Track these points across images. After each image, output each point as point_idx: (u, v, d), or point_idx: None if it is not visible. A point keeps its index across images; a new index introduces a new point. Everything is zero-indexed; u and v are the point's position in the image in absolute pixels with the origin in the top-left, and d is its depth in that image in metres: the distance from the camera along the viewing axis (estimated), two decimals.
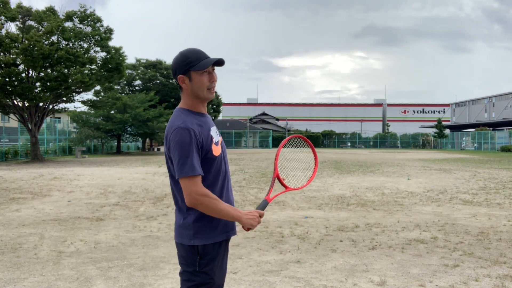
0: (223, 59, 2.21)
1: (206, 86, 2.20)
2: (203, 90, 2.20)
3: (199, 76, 2.18)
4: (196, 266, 2.19)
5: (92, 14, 26.07)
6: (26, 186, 12.30)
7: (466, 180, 14.56)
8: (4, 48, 23.21)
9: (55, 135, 34.78)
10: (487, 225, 7.10)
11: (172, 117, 2.21)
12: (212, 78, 2.21)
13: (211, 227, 2.21)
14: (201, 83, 2.18)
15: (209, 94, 2.22)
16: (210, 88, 2.21)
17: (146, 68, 49.83)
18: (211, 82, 2.20)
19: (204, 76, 2.18)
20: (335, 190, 11.61)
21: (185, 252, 2.22)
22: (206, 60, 2.18)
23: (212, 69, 2.23)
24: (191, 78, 2.18)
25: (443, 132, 68.64)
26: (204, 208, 2.11)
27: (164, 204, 9.26)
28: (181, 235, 2.23)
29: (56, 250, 5.55)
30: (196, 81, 2.18)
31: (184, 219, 2.21)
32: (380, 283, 4.30)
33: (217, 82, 2.27)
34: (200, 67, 2.16)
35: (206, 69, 2.18)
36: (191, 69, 2.17)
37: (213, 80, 2.21)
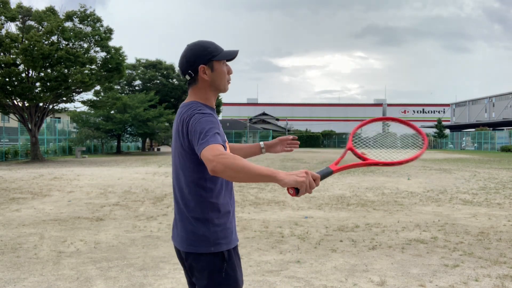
0: (235, 52, 2.12)
1: (225, 78, 2.12)
2: (223, 81, 2.11)
3: (221, 66, 2.09)
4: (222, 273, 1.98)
5: (92, 14, 26.07)
6: (26, 186, 12.30)
7: (466, 180, 14.56)
8: (4, 48, 23.21)
9: (55, 135, 34.78)
10: (487, 225, 7.10)
11: (186, 107, 2.05)
12: (230, 70, 2.14)
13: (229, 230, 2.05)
14: (223, 73, 2.09)
15: (227, 86, 2.15)
16: (228, 80, 2.14)
17: (146, 68, 49.84)
18: (229, 73, 2.14)
19: (225, 67, 2.11)
20: (335, 190, 11.61)
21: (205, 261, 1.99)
22: (228, 50, 2.11)
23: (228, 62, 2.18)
24: (213, 68, 2.07)
25: (443, 132, 68.63)
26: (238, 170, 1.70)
27: (164, 204, 9.26)
28: (195, 243, 1.99)
29: (56, 250, 5.55)
30: (218, 71, 2.08)
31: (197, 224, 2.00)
32: (380, 283, 4.30)
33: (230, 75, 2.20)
34: (223, 56, 2.07)
35: (226, 62, 2.12)
36: (213, 59, 2.06)
37: (231, 72, 2.15)
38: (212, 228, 1.99)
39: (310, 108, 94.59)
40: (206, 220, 1.98)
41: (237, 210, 8.47)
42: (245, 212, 8.23)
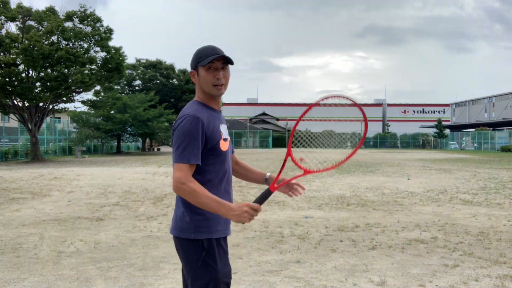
0: (223, 55, 2.20)
1: (211, 82, 2.21)
2: (208, 86, 2.22)
3: (205, 72, 2.21)
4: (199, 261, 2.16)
5: (92, 14, 26.07)
6: (26, 186, 12.30)
7: (466, 180, 14.55)
8: (4, 48, 23.22)
9: (55, 135, 34.78)
10: (487, 225, 7.10)
11: (185, 107, 2.25)
12: (217, 74, 2.21)
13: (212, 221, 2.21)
14: (206, 79, 2.21)
15: (215, 90, 2.23)
16: (215, 84, 2.21)
17: (146, 68, 49.83)
18: (216, 78, 2.21)
19: (209, 72, 2.21)
20: (335, 190, 11.61)
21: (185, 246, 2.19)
22: (209, 55, 2.20)
23: (221, 66, 2.23)
24: (198, 73, 2.24)
25: (443, 132, 68.64)
26: (187, 196, 2.09)
27: (164, 204, 9.26)
28: (180, 228, 2.20)
29: (56, 250, 5.55)
30: (202, 76, 2.22)
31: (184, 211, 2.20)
32: (380, 283, 4.30)
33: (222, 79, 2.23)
34: (204, 62, 2.18)
35: (211, 65, 2.20)
36: (198, 65, 2.22)
37: (219, 77, 2.21)
38: (194, 216, 2.18)
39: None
40: (190, 209, 2.18)
41: None
42: None
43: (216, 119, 2.26)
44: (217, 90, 2.23)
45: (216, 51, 2.21)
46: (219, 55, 2.20)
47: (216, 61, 2.21)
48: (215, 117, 2.26)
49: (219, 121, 2.28)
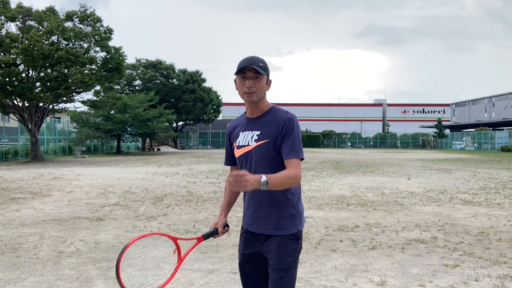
0: (248, 64, 2.36)
1: (241, 90, 2.41)
2: (240, 93, 2.44)
3: (238, 81, 2.43)
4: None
5: (92, 14, 26.07)
6: (26, 186, 12.30)
7: (466, 180, 14.56)
8: (4, 48, 23.21)
9: (55, 135, 34.77)
10: (487, 225, 7.10)
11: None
12: (248, 83, 2.37)
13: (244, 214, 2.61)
14: (239, 87, 2.43)
15: (246, 97, 2.41)
16: (246, 92, 2.39)
17: (146, 68, 49.81)
18: (246, 87, 2.38)
19: (241, 81, 2.41)
20: (335, 190, 11.61)
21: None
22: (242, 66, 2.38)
23: (253, 76, 2.38)
24: (236, 83, 2.46)
25: (443, 132, 68.62)
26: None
27: (164, 204, 9.26)
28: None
29: (56, 250, 5.55)
30: (237, 84, 2.46)
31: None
32: (380, 283, 4.30)
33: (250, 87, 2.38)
34: (237, 72, 2.40)
35: (243, 75, 2.38)
36: (235, 74, 2.43)
37: (248, 85, 2.37)
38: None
39: (310, 108, 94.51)
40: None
41: (237, 210, 8.47)
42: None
43: (242, 126, 2.51)
44: (248, 97, 2.40)
45: (248, 61, 2.37)
46: (244, 66, 2.36)
47: (247, 71, 2.37)
48: (244, 125, 2.51)
49: (242, 129, 2.50)
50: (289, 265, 2.38)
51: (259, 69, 2.34)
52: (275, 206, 2.41)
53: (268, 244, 2.42)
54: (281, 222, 2.41)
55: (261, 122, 2.44)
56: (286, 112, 2.43)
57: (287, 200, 2.42)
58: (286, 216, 2.41)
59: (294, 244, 2.41)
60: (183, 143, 63.98)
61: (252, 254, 2.51)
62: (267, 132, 2.39)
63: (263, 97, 2.44)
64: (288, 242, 2.39)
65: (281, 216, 2.41)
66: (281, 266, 2.36)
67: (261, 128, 2.42)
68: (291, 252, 2.39)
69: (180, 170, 18.22)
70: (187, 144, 65.41)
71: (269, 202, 2.42)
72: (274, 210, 2.42)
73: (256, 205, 2.48)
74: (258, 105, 2.44)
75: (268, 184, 2.16)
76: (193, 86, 50.31)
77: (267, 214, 2.43)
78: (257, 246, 2.48)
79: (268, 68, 2.45)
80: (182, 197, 10.21)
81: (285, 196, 2.42)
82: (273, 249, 2.41)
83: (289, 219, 2.41)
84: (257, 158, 2.42)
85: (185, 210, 8.56)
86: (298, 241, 2.43)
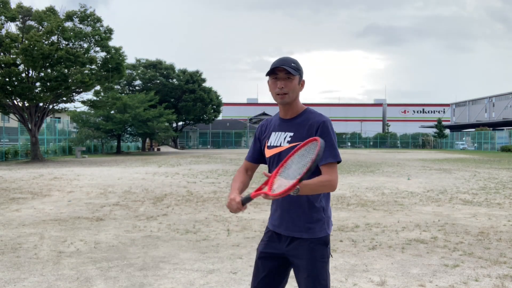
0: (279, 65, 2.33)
1: (273, 91, 2.39)
2: (273, 94, 2.42)
3: (270, 82, 2.41)
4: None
5: (92, 14, 26.07)
6: (26, 186, 12.30)
7: (466, 180, 14.56)
8: (4, 48, 23.21)
9: (55, 135, 34.77)
10: (487, 225, 7.10)
11: None
12: (279, 84, 2.35)
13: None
14: (271, 88, 2.42)
15: (278, 98, 2.39)
16: (278, 93, 2.37)
17: (146, 68, 49.82)
18: (278, 88, 2.36)
19: (273, 82, 2.39)
20: (335, 190, 11.60)
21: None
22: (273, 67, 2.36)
23: (285, 76, 2.35)
24: (268, 84, 2.44)
25: (443, 132, 68.62)
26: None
27: (164, 204, 9.26)
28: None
29: (56, 250, 5.55)
30: (269, 86, 2.44)
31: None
32: (380, 283, 4.30)
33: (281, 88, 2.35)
34: (268, 73, 2.38)
35: (275, 75, 2.36)
36: (267, 76, 2.41)
37: (279, 86, 2.35)
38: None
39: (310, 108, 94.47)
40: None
41: None
42: (245, 212, 8.22)
43: (273, 127, 2.49)
44: (280, 99, 2.38)
45: (280, 62, 2.34)
46: (274, 67, 2.33)
47: (279, 72, 2.34)
48: (276, 125, 2.48)
49: (274, 129, 2.48)
50: (320, 272, 2.35)
51: (291, 69, 2.31)
52: (304, 209, 2.39)
53: (296, 248, 2.39)
54: (310, 225, 2.37)
55: (295, 124, 2.41)
56: (320, 114, 2.40)
57: (317, 203, 2.39)
58: (315, 219, 2.38)
59: (323, 250, 2.38)
60: (183, 143, 64.00)
61: (271, 254, 2.49)
62: (300, 134, 2.37)
63: (296, 98, 2.41)
64: (316, 247, 2.36)
65: (310, 219, 2.38)
66: (312, 273, 2.34)
67: (294, 130, 2.40)
68: (320, 257, 2.36)
69: (180, 170, 18.22)
70: (187, 144, 65.43)
71: (299, 204, 2.39)
72: (303, 213, 2.39)
73: (285, 208, 2.44)
74: (291, 106, 2.41)
75: (300, 191, 2.15)
76: (193, 86, 50.32)
77: (295, 217, 2.40)
78: (281, 249, 2.45)
79: (301, 68, 2.41)
80: (182, 197, 10.21)
81: (314, 198, 2.39)
82: (301, 254, 2.38)
83: (318, 223, 2.38)
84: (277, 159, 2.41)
85: (185, 210, 8.56)
86: (326, 246, 2.40)
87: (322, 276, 2.34)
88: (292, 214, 2.40)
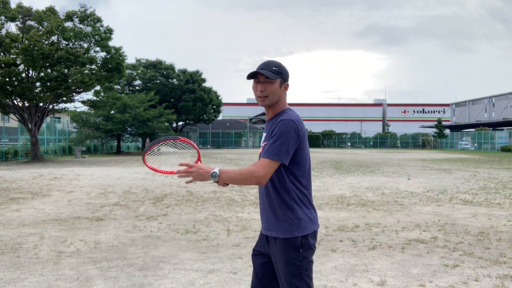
0: (257, 70, 2.41)
1: (255, 94, 2.48)
2: (256, 97, 2.49)
3: (253, 85, 2.49)
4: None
5: (92, 14, 26.07)
6: (26, 186, 12.30)
7: (466, 180, 14.56)
8: (4, 48, 23.20)
9: (55, 135, 34.77)
10: (487, 225, 7.10)
11: None
12: (259, 87, 2.43)
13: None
14: (253, 92, 2.50)
15: (259, 101, 2.47)
16: (258, 96, 2.45)
17: (146, 68, 49.81)
18: (258, 91, 2.44)
19: (254, 86, 2.48)
20: (335, 190, 11.61)
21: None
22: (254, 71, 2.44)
23: (264, 80, 2.41)
24: (252, 87, 2.52)
25: (443, 132, 68.62)
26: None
27: (164, 204, 9.26)
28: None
29: (56, 250, 5.55)
30: (252, 89, 2.51)
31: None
32: (380, 283, 4.30)
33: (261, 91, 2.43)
34: (248, 78, 2.45)
35: (256, 79, 2.44)
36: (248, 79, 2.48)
37: (259, 89, 2.43)
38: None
39: (310, 108, 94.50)
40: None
41: (236, 210, 8.48)
42: (245, 212, 8.23)
43: (265, 128, 2.53)
44: (261, 101, 2.46)
45: (260, 67, 2.42)
46: (251, 72, 2.41)
47: (259, 75, 2.42)
48: (266, 127, 2.53)
49: (264, 129, 2.53)
50: (293, 276, 2.32)
51: (270, 73, 2.38)
52: (274, 208, 2.41)
53: (272, 248, 2.43)
54: (278, 224, 2.39)
55: (270, 124, 2.48)
56: (287, 114, 2.39)
57: (284, 203, 2.39)
58: (282, 219, 2.38)
59: (294, 252, 2.34)
60: None
61: (260, 252, 2.55)
62: (269, 134, 2.42)
63: (278, 100, 2.45)
64: (287, 249, 2.34)
65: (277, 219, 2.40)
66: (284, 276, 2.36)
67: (267, 130, 2.47)
68: (290, 260, 2.34)
69: None
70: None
71: (268, 203, 2.44)
72: (272, 212, 2.42)
73: (261, 205, 2.53)
74: (272, 108, 2.48)
75: (219, 176, 2.26)
76: (193, 86, 50.32)
77: (268, 216, 2.45)
78: (266, 247, 2.51)
79: (284, 71, 2.45)
80: (182, 197, 10.22)
81: (281, 198, 2.39)
82: (274, 255, 2.41)
83: (286, 222, 2.37)
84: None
85: (185, 210, 8.56)
86: (297, 249, 2.34)
87: (292, 281, 2.32)
88: (266, 213, 2.46)
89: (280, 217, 2.39)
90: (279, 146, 2.29)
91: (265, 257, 2.51)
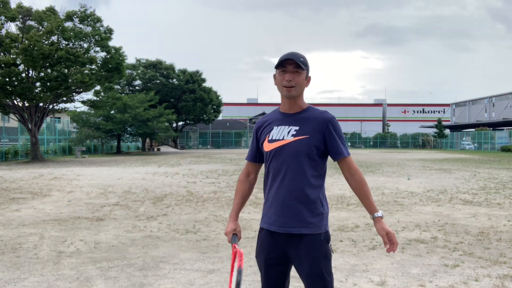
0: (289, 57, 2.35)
1: (281, 83, 2.38)
2: (279, 87, 2.41)
3: (278, 74, 2.41)
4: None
5: (92, 14, 26.07)
6: (26, 186, 12.30)
7: (466, 180, 14.56)
8: (4, 48, 23.21)
9: (55, 135, 34.78)
10: (487, 225, 7.10)
11: None
12: (287, 76, 2.36)
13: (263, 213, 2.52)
14: (278, 81, 2.41)
15: (285, 91, 2.38)
16: (285, 86, 2.36)
17: (146, 68, 49.84)
18: (286, 80, 2.36)
19: (280, 75, 2.39)
20: (335, 190, 11.61)
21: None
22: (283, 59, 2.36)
23: (294, 70, 2.36)
24: (275, 77, 2.44)
25: (443, 132, 68.62)
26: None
27: (164, 204, 9.26)
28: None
29: (56, 250, 5.55)
30: (276, 78, 2.43)
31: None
32: (380, 283, 4.30)
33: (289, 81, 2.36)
34: (277, 65, 2.39)
35: (284, 68, 2.37)
36: (275, 68, 2.42)
37: (287, 78, 2.35)
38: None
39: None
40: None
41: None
42: (245, 212, 8.23)
43: (277, 121, 2.45)
44: (286, 91, 2.37)
45: (289, 55, 2.36)
46: (286, 58, 2.34)
47: (288, 65, 2.35)
48: (279, 120, 2.45)
49: (280, 123, 2.43)
50: (325, 270, 2.31)
51: (300, 63, 2.33)
52: (305, 203, 2.33)
53: (296, 246, 2.33)
54: (310, 219, 2.32)
55: (300, 119, 2.40)
56: (326, 111, 2.44)
57: (318, 198, 2.36)
58: (315, 214, 2.34)
59: (325, 247, 2.34)
60: (183, 143, 64.01)
61: (277, 256, 2.41)
62: (307, 129, 2.36)
63: (302, 93, 2.42)
64: (318, 244, 2.31)
65: (309, 214, 2.33)
66: (316, 271, 2.29)
67: (299, 124, 2.38)
68: (323, 254, 2.32)
69: (180, 170, 18.22)
70: (187, 144, 65.43)
71: (299, 198, 2.33)
72: (304, 208, 2.32)
73: (282, 202, 2.35)
74: (296, 100, 2.41)
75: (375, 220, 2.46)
76: (193, 86, 50.34)
77: (294, 212, 2.32)
78: (281, 247, 2.38)
79: (308, 64, 2.43)
80: (182, 197, 10.22)
81: (316, 193, 2.36)
82: (302, 252, 2.32)
83: (318, 217, 2.34)
84: (291, 153, 2.35)
85: (185, 210, 8.56)
86: (328, 243, 2.36)
87: (326, 275, 2.30)
88: (291, 209, 2.33)
89: (314, 212, 2.33)
90: (345, 143, 2.44)
91: (281, 261, 2.41)
